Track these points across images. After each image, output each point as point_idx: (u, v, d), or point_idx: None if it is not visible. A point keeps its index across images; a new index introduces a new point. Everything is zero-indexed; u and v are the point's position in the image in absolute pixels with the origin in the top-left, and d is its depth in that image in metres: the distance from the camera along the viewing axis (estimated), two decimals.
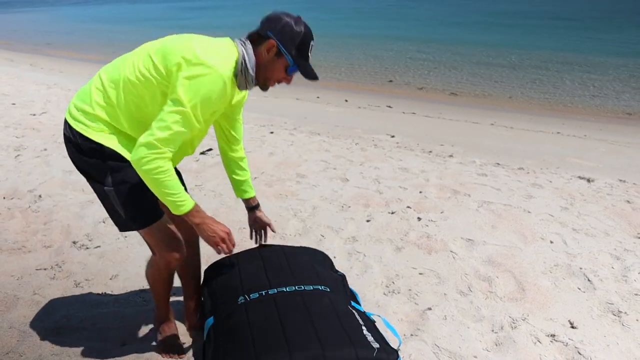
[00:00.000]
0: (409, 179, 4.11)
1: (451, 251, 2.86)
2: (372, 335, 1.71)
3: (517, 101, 8.43)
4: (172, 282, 2.04)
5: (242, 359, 1.62)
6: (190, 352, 2.07)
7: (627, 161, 5.11)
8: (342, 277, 2.17)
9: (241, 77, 1.67)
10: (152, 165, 1.55)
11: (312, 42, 1.72)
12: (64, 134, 1.79)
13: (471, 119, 6.93)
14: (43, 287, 2.49)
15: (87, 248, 2.91)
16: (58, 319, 2.24)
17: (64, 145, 5.06)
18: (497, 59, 12.37)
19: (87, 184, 3.96)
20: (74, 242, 2.96)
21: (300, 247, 2.32)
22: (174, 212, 1.67)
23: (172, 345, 2.06)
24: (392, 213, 3.40)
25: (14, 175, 4.06)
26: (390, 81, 9.95)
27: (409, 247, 2.92)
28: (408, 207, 3.49)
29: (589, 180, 4.12)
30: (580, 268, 2.68)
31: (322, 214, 3.41)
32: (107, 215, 3.24)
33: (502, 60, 12.15)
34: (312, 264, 2.13)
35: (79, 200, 3.59)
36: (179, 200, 1.64)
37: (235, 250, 2.86)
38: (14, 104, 6.72)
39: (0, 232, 3.10)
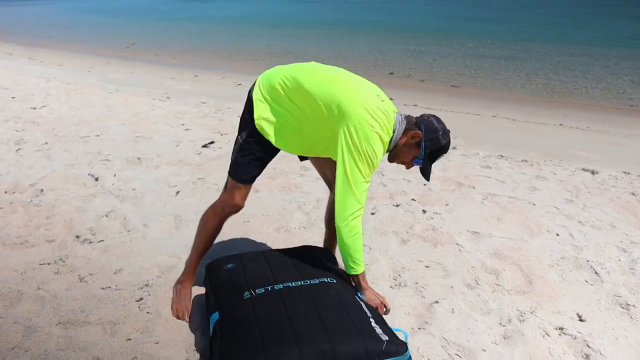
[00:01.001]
0: (412, 171, 4.07)
1: (457, 244, 2.84)
2: (380, 328, 1.70)
3: (518, 93, 8.38)
4: (215, 234, 2.24)
5: (250, 354, 1.61)
6: (194, 342, 2.05)
7: (631, 153, 5.08)
8: None
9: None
10: (355, 224, 1.90)
11: (444, 154, 1.99)
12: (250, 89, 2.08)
13: (473, 110, 6.90)
14: (47, 282, 2.47)
15: (91, 242, 2.89)
16: (63, 314, 2.22)
17: (65, 138, 5.03)
18: (497, 51, 12.30)
19: (89, 177, 3.94)
20: (77, 237, 2.94)
21: (303, 245, 2.31)
22: (347, 270, 2.03)
23: (183, 303, 2.23)
24: (397, 206, 3.38)
25: (15, 169, 4.03)
26: (391, 73, 9.89)
27: (415, 240, 2.90)
28: (413, 199, 3.47)
29: (593, 173, 4.10)
30: (587, 261, 2.66)
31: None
32: (109, 209, 3.27)
33: (502, 52, 12.09)
34: (317, 258, 2.11)
35: (81, 194, 3.56)
36: (357, 261, 2.00)
37: (241, 243, 2.88)
38: (13, 97, 6.68)
39: (3, 226, 3.07)
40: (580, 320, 2.20)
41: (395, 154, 2.00)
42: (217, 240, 2.88)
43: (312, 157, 2.29)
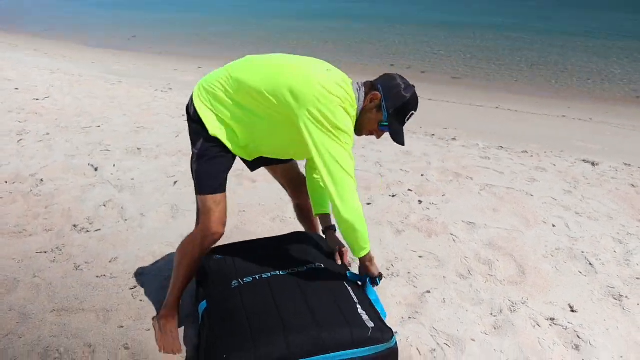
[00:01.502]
0: (410, 162, 4.08)
1: (451, 234, 2.84)
2: (367, 314, 1.70)
3: (522, 85, 8.33)
4: (197, 266, 2.02)
5: (238, 343, 1.62)
6: (183, 330, 2.06)
7: (633, 145, 5.05)
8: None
9: None
10: (356, 203, 1.74)
11: (412, 112, 1.80)
12: (187, 104, 1.95)
13: (475, 102, 6.86)
14: (43, 270, 2.49)
15: (88, 231, 2.91)
16: (58, 301, 2.25)
17: (66, 129, 5.03)
18: (501, 42, 12.22)
19: (88, 168, 3.96)
20: (75, 226, 2.96)
21: (293, 232, 2.31)
22: (357, 254, 1.85)
23: (170, 341, 1.97)
24: (393, 196, 3.37)
25: (16, 159, 4.06)
26: (392, 65, 9.84)
27: (409, 230, 2.90)
28: (409, 190, 3.47)
29: (593, 164, 4.08)
30: (582, 252, 2.65)
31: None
32: (108, 199, 3.29)
33: (506, 45, 12.00)
34: (306, 243, 2.12)
35: (80, 184, 3.59)
36: (366, 241, 1.85)
37: (236, 232, 2.89)
38: (17, 88, 6.71)
39: (2, 216, 3.10)
40: (572, 311, 2.20)
41: (359, 124, 1.80)
42: None
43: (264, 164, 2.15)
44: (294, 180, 2.26)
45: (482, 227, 2.91)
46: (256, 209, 3.20)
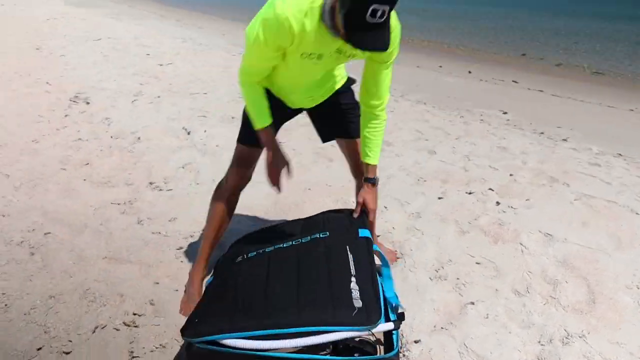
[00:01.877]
0: (504, 159, 3.70)
1: (521, 244, 2.51)
2: (359, 290, 1.53)
3: None
4: (227, 215, 2.08)
5: (219, 317, 1.59)
6: None
7: None
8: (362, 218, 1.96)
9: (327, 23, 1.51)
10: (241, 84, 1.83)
11: (373, 6, 1.32)
12: None
13: (607, 102, 6.01)
14: (110, 220, 2.70)
15: (160, 190, 3.09)
16: (111, 250, 2.42)
17: (176, 94, 5.33)
18: None
19: (182, 131, 4.17)
20: (151, 183, 3.17)
21: (323, 211, 2.16)
22: (254, 126, 1.84)
23: (190, 304, 2.00)
24: (470, 193, 3.09)
25: (126, 117, 4.45)
26: (524, 54, 9.00)
27: (475, 232, 2.63)
28: (490, 189, 3.14)
29: None
30: None
31: (394, 184, 3.23)
32: (188, 161, 3.46)
33: None
34: (324, 218, 1.99)
35: (171, 146, 3.82)
36: (255, 116, 1.84)
37: (294, 209, 2.86)
38: (148, 54, 7.35)
39: (98, 166, 3.42)
40: None
41: (335, 27, 1.49)
42: (272, 204, 2.90)
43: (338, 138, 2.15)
44: (354, 157, 2.13)
45: (561, 240, 2.53)
46: (322, 188, 3.14)
